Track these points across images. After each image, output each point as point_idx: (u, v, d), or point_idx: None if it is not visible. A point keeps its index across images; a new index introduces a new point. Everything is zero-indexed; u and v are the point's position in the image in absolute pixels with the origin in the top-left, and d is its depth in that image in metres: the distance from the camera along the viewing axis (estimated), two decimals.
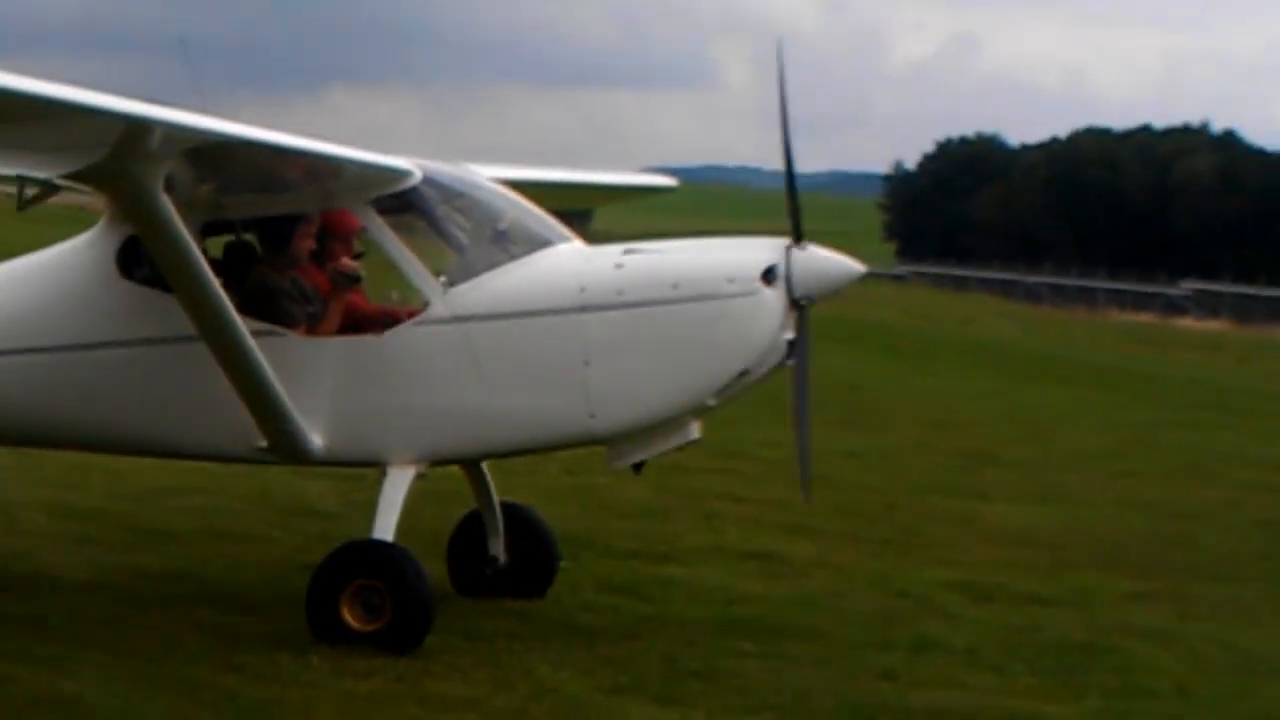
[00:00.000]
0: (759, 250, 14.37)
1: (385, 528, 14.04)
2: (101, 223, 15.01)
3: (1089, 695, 13.98)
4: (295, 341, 14.39)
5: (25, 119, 12.36)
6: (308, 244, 14.81)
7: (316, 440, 14.31)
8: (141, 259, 14.42)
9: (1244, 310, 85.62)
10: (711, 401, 14.43)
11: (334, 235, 14.84)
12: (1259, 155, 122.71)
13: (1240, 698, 14.26)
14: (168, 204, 13.35)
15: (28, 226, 16.20)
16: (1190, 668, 15.15)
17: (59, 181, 15.01)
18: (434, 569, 14.96)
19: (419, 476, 14.47)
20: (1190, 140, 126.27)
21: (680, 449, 14.91)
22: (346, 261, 14.72)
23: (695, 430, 14.69)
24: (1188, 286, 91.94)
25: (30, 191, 15.78)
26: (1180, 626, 16.68)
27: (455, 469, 15.39)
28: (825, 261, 14.51)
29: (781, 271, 14.17)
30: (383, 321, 14.56)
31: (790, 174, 15.05)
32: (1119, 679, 14.63)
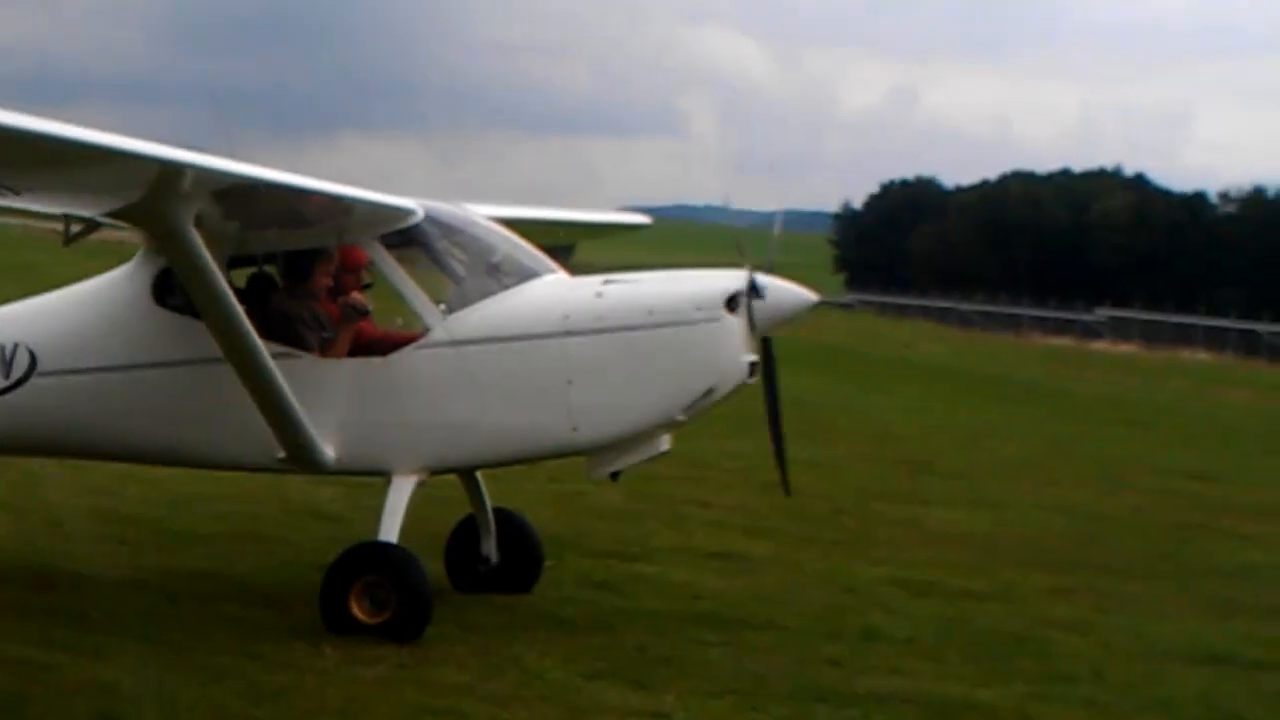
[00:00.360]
0: (724, 279, 14.36)
1: (390, 530, 14.02)
2: (138, 256, 14.99)
3: (1015, 680, 13.96)
4: (310, 363, 14.35)
5: (72, 163, 12.35)
6: (325, 280, 14.81)
7: (329, 452, 14.28)
8: (174, 288, 14.38)
9: (1152, 334, 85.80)
10: (681, 417, 14.40)
11: (345, 268, 14.83)
12: (1166, 195, 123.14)
13: (1150, 683, 14.23)
14: (198, 239, 13.32)
15: (73, 259, 16.12)
16: (1105, 655, 15.13)
17: (101, 219, 14.98)
18: (433, 567, 14.93)
19: (420, 484, 14.44)
20: (1105, 182, 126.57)
21: (653, 459, 14.88)
22: (356, 296, 14.75)
23: (666, 443, 14.69)
24: (1102, 313, 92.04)
25: (75, 228, 15.74)
26: (1096, 618, 16.67)
27: (452, 477, 15.30)
28: (786, 289, 14.51)
29: (744, 298, 14.18)
30: (388, 345, 14.54)
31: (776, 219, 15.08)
32: (1041, 666, 14.61)
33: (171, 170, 12.60)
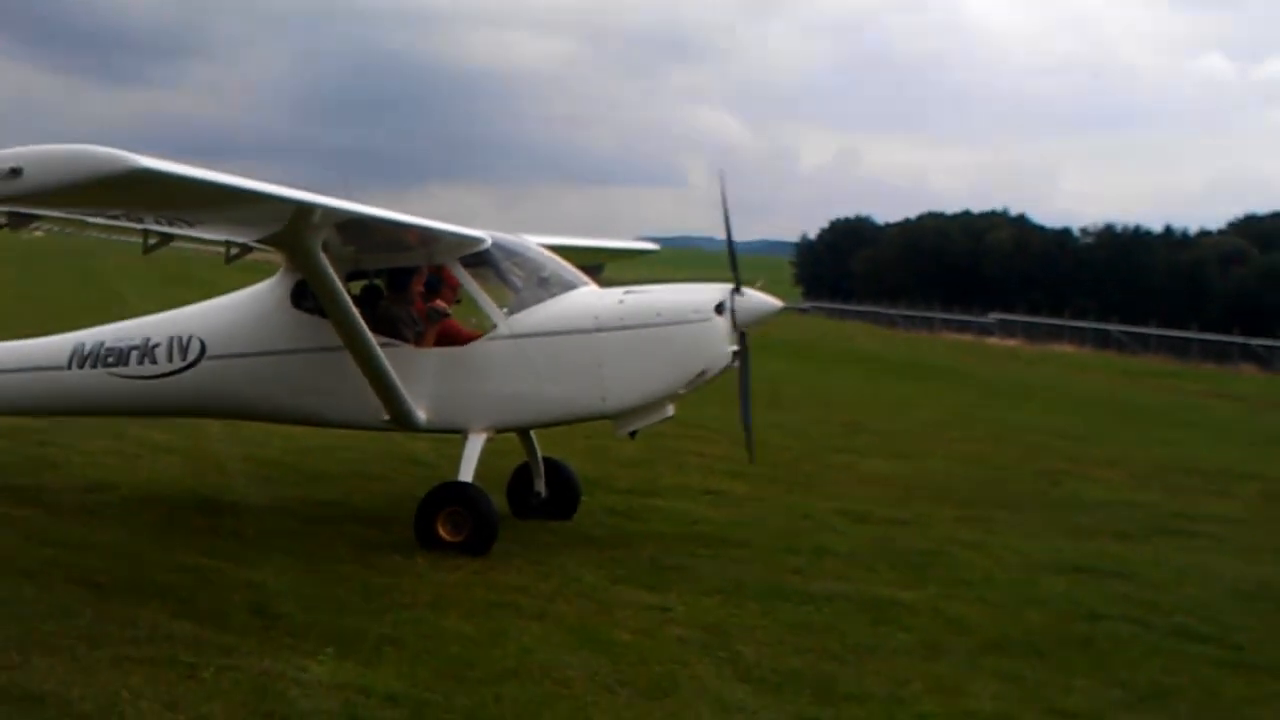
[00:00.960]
0: (713, 290, 14.41)
1: (466, 472, 14.04)
2: (280, 271, 15.02)
3: (929, 584, 13.97)
4: (408, 351, 14.37)
5: (234, 203, 12.39)
6: (416, 288, 14.85)
7: (421, 415, 14.30)
8: (307, 295, 14.40)
9: (1030, 332, 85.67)
10: (682, 390, 14.46)
11: (447, 285, 14.86)
12: (1040, 230, 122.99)
13: (1027, 586, 14.26)
14: (324, 260, 13.37)
15: (232, 274, 16.15)
16: (994, 566, 15.14)
17: (253, 244, 15.03)
18: (498, 500, 14.95)
19: (488, 440, 14.47)
20: (995, 220, 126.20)
21: (661, 422, 14.92)
22: (439, 303, 14.75)
23: (671, 409, 14.71)
24: (993, 316, 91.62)
25: (234, 250, 15.78)
26: (988, 539, 16.67)
27: (511, 435, 15.33)
28: (759, 298, 14.57)
29: (729, 304, 14.24)
30: (466, 338, 14.59)
31: (731, 248, 15.11)
32: (948, 573, 14.61)
33: (305, 208, 12.69)
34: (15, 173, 10.43)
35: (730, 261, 14.98)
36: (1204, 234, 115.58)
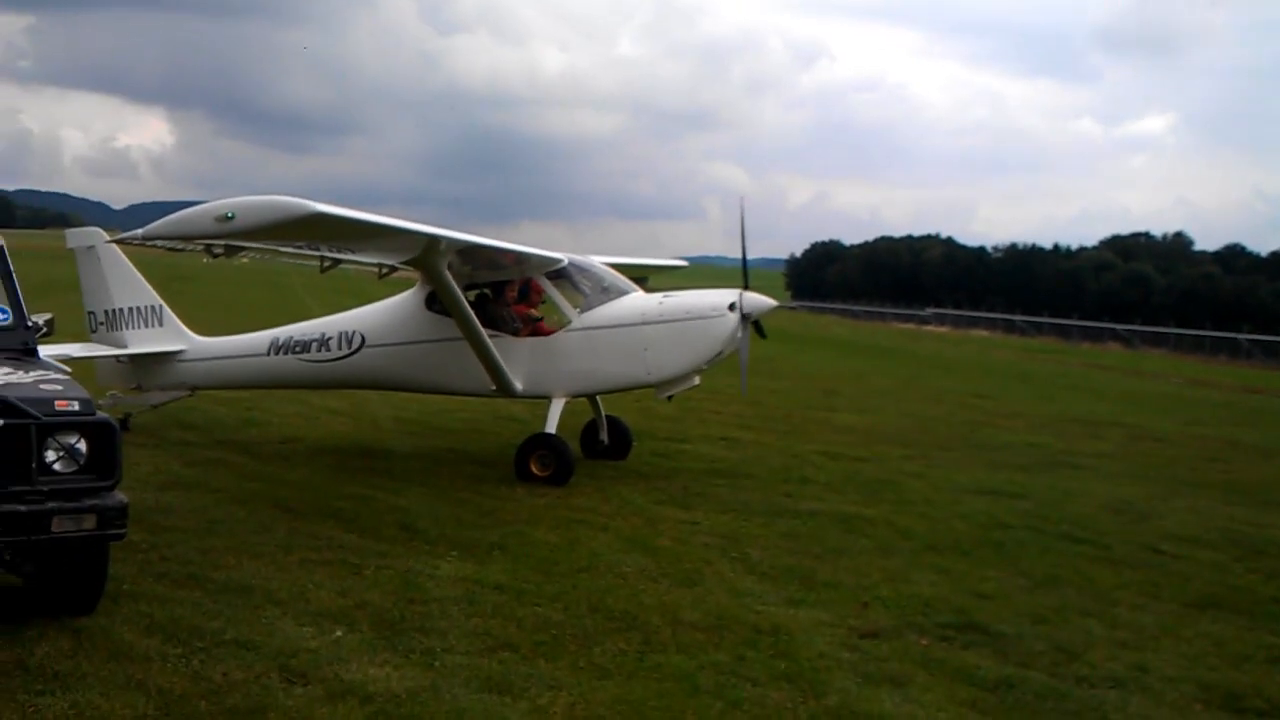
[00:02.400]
0: (726, 294, 14.37)
1: (551, 426, 14.04)
2: (417, 284, 15.03)
3: (883, 504, 13.92)
4: (510, 340, 14.37)
5: (384, 237, 12.47)
6: (512, 294, 14.85)
7: (519, 386, 14.32)
8: (436, 301, 14.43)
9: (957, 321, 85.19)
10: (705, 367, 14.43)
11: (534, 291, 14.86)
12: (964, 248, 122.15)
13: (955, 505, 14.21)
14: (449, 276, 13.42)
15: (383, 286, 16.23)
16: (931, 491, 15.08)
17: (399, 265, 15.09)
18: (574, 445, 14.96)
19: (566, 403, 14.48)
20: (931, 241, 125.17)
21: (690, 389, 14.91)
22: (531, 311, 14.78)
23: (698, 379, 14.70)
24: (930, 311, 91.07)
25: (384, 270, 15.83)
26: (927, 471, 16.60)
27: (583, 399, 15.33)
28: (760, 298, 14.53)
29: (738, 304, 14.20)
30: (550, 330, 14.59)
31: (744, 262, 15.09)
32: (897, 496, 14.55)
33: (435, 240, 12.76)
34: (229, 218, 10.54)
35: (743, 271, 15.00)
36: (1082, 249, 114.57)
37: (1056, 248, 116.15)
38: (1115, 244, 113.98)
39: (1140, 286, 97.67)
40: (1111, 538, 12.91)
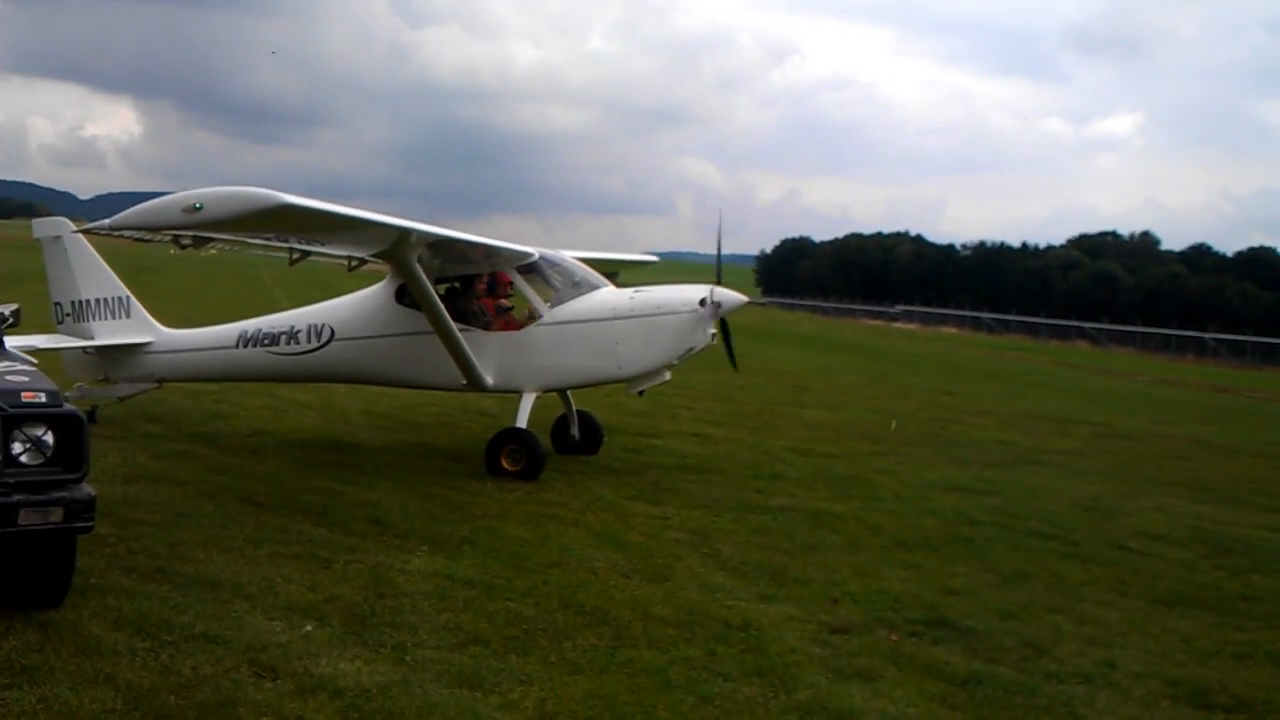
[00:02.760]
0: (698, 289, 14.37)
1: (522, 420, 14.00)
2: (387, 277, 14.97)
3: (853, 500, 13.98)
4: (479, 334, 14.34)
5: (354, 229, 12.41)
6: (481, 287, 14.79)
7: (489, 380, 14.28)
8: (406, 294, 14.36)
9: (925, 319, 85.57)
10: (676, 362, 14.44)
11: (503, 285, 14.80)
12: (932, 246, 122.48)
13: (924, 501, 14.27)
14: (419, 269, 13.38)
15: (353, 279, 16.14)
16: (900, 487, 15.14)
17: (368, 257, 15.01)
18: (544, 440, 14.91)
19: (537, 398, 14.45)
20: (901, 239, 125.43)
21: (661, 384, 14.91)
22: (502, 300, 14.72)
23: (668, 375, 14.69)
24: (899, 308, 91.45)
25: (354, 262, 15.74)
26: (896, 468, 16.66)
27: (554, 394, 15.30)
28: (730, 294, 14.53)
29: (710, 299, 14.20)
30: (520, 324, 14.55)
31: (719, 257, 15.13)
32: (867, 492, 14.61)
33: (405, 232, 12.73)
34: (198, 208, 10.49)
35: (717, 269, 15.03)
36: (1050, 248, 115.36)
37: (1025, 246, 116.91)
38: (1083, 243, 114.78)
39: (1107, 285, 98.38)
40: (1079, 534, 13.00)
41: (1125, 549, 12.50)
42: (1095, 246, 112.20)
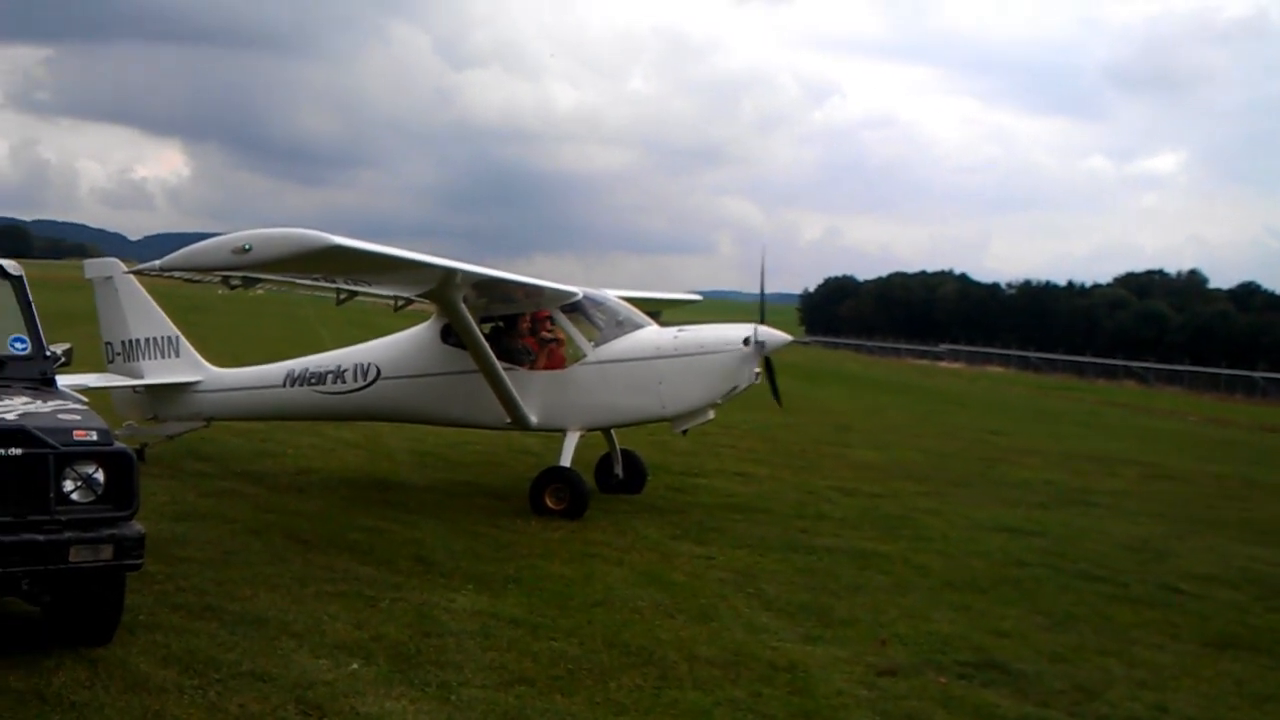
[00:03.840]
0: (742, 328, 14.35)
1: (566, 459, 13.99)
2: (432, 317, 15.04)
3: (900, 540, 13.87)
4: (524, 373, 14.37)
5: (400, 269, 12.49)
6: (526, 326, 14.83)
7: (533, 419, 14.29)
8: (451, 334, 14.43)
9: (971, 358, 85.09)
10: (719, 401, 14.39)
11: (544, 324, 14.85)
12: (977, 285, 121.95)
13: (972, 542, 14.16)
14: (464, 309, 13.44)
15: (398, 319, 16.23)
16: (948, 527, 15.03)
17: (414, 297, 15.11)
18: (588, 479, 14.90)
19: (581, 436, 14.45)
20: (944, 277, 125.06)
21: (705, 423, 14.86)
22: (546, 333, 14.74)
23: (712, 414, 14.63)
24: (944, 347, 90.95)
25: (400, 302, 15.84)
26: (943, 507, 16.54)
27: (598, 433, 15.31)
28: (774, 333, 14.51)
29: (754, 338, 14.18)
30: (565, 364, 14.57)
31: (762, 296, 15.12)
32: (914, 532, 14.51)
33: (450, 272, 12.78)
34: (247, 249, 10.58)
35: (760, 308, 15.02)
36: (1096, 286, 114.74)
37: (1070, 285, 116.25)
38: (1129, 281, 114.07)
39: (1155, 324, 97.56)
40: (1129, 576, 12.84)
41: (1176, 591, 12.34)
42: (1142, 285, 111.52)
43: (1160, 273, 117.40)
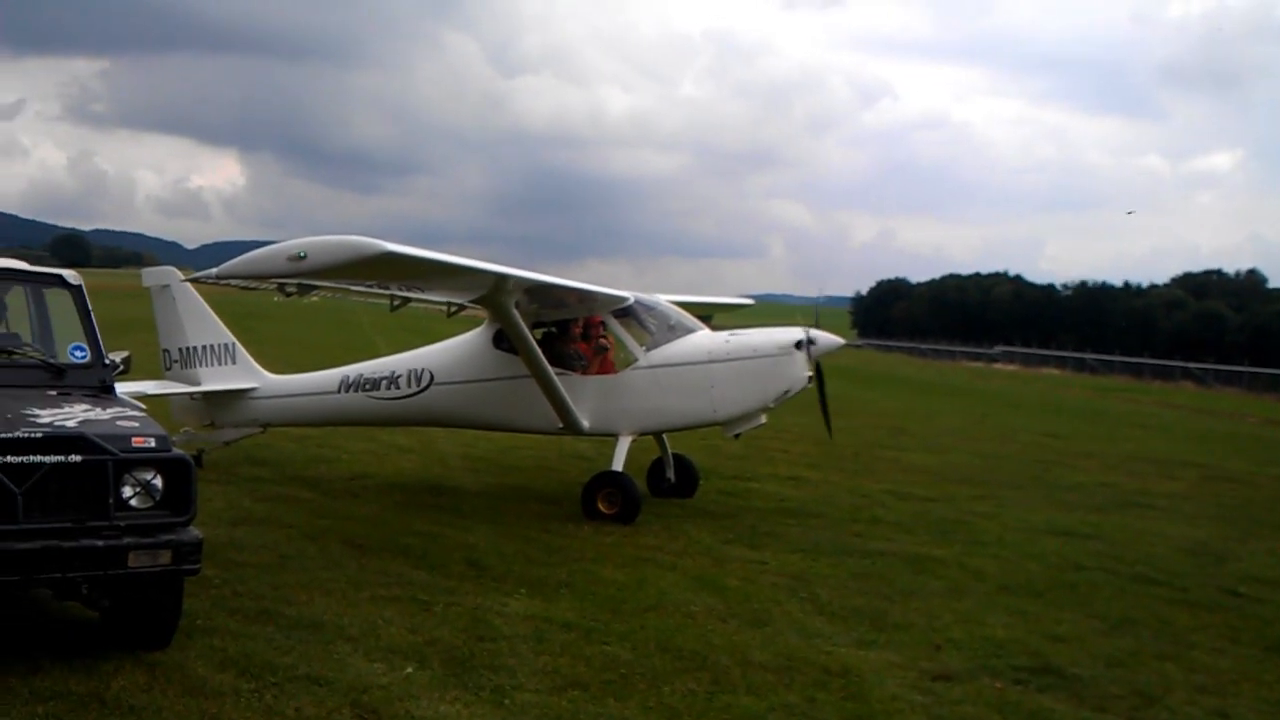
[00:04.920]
0: (793, 332, 14.31)
1: (618, 463, 14.02)
2: (485, 323, 15.13)
3: (955, 544, 13.78)
4: (576, 378, 14.40)
5: (453, 275, 12.55)
6: (578, 331, 14.87)
7: (585, 423, 14.32)
8: (504, 339, 14.51)
9: (1026, 360, 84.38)
10: (772, 405, 14.36)
11: (595, 329, 14.88)
12: (1032, 285, 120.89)
13: (1028, 545, 14.04)
14: (516, 314, 13.49)
15: (451, 325, 16.30)
16: (1003, 531, 14.91)
17: (466, 303, 15.17)
18: (640, 483, 14.90)
19: (633, 441, 14.45)
20: (998, 279, 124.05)
21: (757, 427, 14.84)
22: (601, 340, 14.76)
23: (764, 418, 14.63)
24: (999, 349, 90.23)
25: (453, 308, 15.92)
26: (998, 511, 16.42)
27: (650, 437, 15.32)
28: (827, 336, 14.47)
29: (806, 341, 14.14)
30: (616, 368, 14.59)
31: (816, 300, 15.07)
32: (969, 536, 14.41)
33: (503, 278, 12.85)
34: (302, 257, 10.70)
35: (814, 313, 14.97)
36: (1153, 287, 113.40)
37: (1127, 285, 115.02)
38: (1187, 281, 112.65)
39: (1213, 324, 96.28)
40: (1188, 579, 12.69)
41: (1236, 594, 12.18)
42: (1200, 285, 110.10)
43: (1218, 272, 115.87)
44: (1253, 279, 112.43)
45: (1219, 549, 14.73)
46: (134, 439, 7.60)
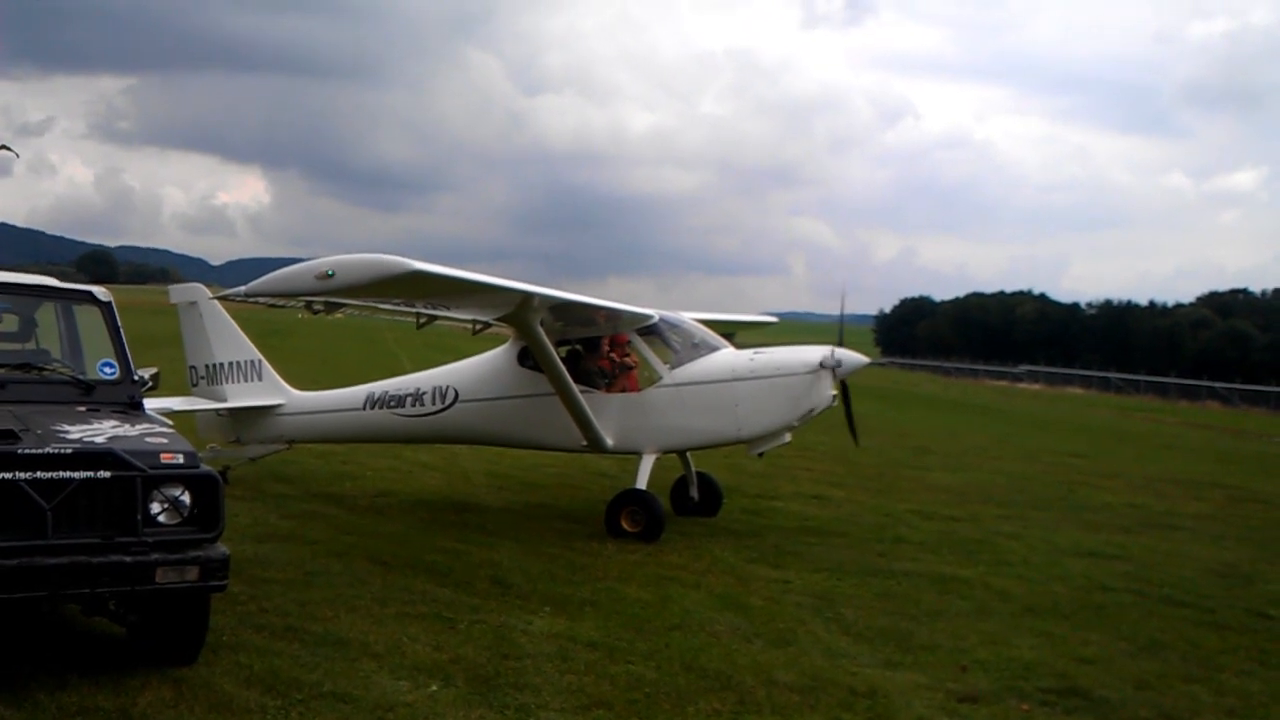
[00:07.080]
0: (818, 350, 14.29)
1: (641, 481, 14.01)
2: (510, 340, 15.16)
3: (979, 564, 13.72)
4: (600, 396, 14.41)
5: (479, 293, 12.58)
6: (605, 349, 14.88)
7: (609, 441, 14.32)
8: (529, 357, 14.52)
9: (1050, 379, 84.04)
10: (796, 423, 14.34)
11: (618, 344, 14.88)
12: (1056, 305, 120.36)
13: (1053, 566, 13.96)
14: (541, 332, 13.51)
15: (476, 342, 16.33)
16: (1028, 551, 14.84)
17: (491, 321, 15.20)
18: (664, 502, 14.89)
19: (656, 459, 14.44)
20: (1023, 298, 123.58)
21: (781, 446, 14.81)
22: (627, 358, 14.76)
23: (788, 437, 14.59)
24: (1023, 368, 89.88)
25: (478, 326, 15.94)
26: (1023, 531, 16.34)
27: (674, 456, 15.30)
28: (852, 355, 14.44)
29: (832, 360, 14.11)
30: (641, 386, 14.59)
31: (841, 318, 15.08)
32: (993, 556, 14.34)
33: (528, 296, 12.87)
34: (330, 275, 10.75)
35: (839, 331, 14.93)
36: (1178, 306, 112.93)
37: (1152, 304, 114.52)
38: (1212, 300, 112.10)
39: (1239, 344, 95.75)
40: (1215, 601, 12.60)
41: (1264, 616, 12.08)
42: (1226, 304, 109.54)
43: (1244, 291, 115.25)
44: (1279, 298, 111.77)
45: (1247, 570, 14.62)
46: (162, 455, 7.63)
